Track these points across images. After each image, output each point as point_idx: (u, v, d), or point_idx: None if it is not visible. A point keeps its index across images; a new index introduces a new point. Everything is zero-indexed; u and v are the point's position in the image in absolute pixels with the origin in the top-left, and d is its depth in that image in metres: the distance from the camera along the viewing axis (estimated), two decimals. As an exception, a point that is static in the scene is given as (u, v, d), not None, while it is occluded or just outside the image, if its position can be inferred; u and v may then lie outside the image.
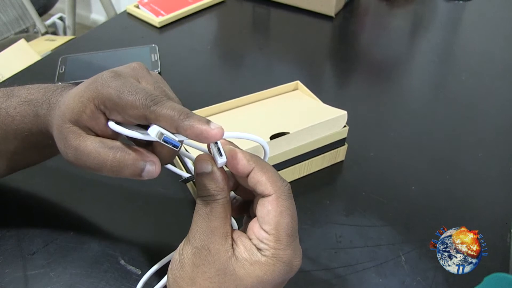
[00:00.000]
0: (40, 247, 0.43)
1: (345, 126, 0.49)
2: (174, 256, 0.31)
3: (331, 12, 0.83)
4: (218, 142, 0.29)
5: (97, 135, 0.31)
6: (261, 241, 0.29)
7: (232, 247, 0.29)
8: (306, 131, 0.46)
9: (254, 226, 0.30)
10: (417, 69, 0.73)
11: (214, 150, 0.29)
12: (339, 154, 0.52)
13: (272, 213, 0.28)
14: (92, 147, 0.30)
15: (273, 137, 0.45)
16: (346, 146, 0.51)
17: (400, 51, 0.78)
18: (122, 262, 0.41)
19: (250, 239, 0.29)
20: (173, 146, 0.28)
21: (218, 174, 0.29)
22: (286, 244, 0.28)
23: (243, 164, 0.29)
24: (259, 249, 0.29)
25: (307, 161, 0.49)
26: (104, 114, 0.30)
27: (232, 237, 0.29)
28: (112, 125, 0.30)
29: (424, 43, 0.80)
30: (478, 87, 0.67)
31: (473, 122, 0.60)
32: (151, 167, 0.30)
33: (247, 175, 0.30)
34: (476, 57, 0.74)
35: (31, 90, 0.37)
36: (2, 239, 0.43)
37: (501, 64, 0.72)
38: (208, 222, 0.29)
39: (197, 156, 0.30)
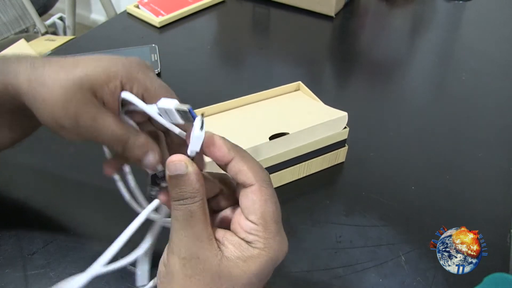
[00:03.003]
0: (40, 247, 0.42)
1: (345, 128, 0.49)
2: (159, 268, 0.29)
3: (331, 12, 0.83)
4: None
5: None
6: (250, 233, 0.28)
7: (220, 249, 0.28)
8: (306, 131, 0.46)
9: (239, 219, 0.29)
10: (417, 69, 0.73)
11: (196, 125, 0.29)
12: (339, 156, 0.52)
13: (258, 202, 0.28)
14: (110, 123, 0.30)
15: (272, 137, 0.45)
16: (346, 147, 0.51)
17: (400, 51, 0.78)
18: (122, 262, 0.41)
19: (236, 234, 0.29)
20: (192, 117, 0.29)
21: (194, 174, 0.27)
22: (275, 232, 0.28)
23: (223, 151, 0.29)
24: (248, 242, 0.28)
25: (306, 162, 0.49)
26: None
27: (215, 238, 0.28)
28: (130, 96, 0.30)
29: (424, 43, 0.80)
30: (478, 87, 0.67)
31: (473, 122, 0.60)
32: (152, 156, 0.31)
33: (227, 164, 0.29)
34: (476, 57, 0.74)
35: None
36: (2, 239, 0.43)
37: (501, 64, 0.72)
38: (190, 229, 0.27)
39: (168, 159, 0.28)
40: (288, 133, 0.45)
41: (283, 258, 0.29)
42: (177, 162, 0.27)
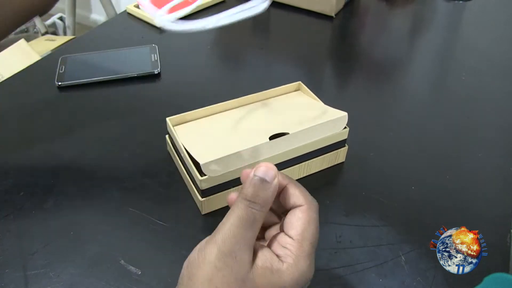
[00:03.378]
0: (40, 247, 0.43)
1: (345, 128, 0.49)
2: (192, 254, 0.30)
3: (331, 12, 0.83)
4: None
5: None
6: (284, 246, 0.29)
7: (253, 257, 0.29)
8: (306, 132, 0.46)
9: (277, 235, 0.31)
10: (417, 69, 0.73)
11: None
12: (339, 156, 0.52)
13: (301, 219, 0.30)
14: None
15: (272, 137, 0.45)
16: (346, 147, 0.51)
17: (400, 51, 0.78)
18: (122, 262, 0.41)
19: (270, 248, 0.30)
20: None
21: (275, 188, 0.30)
22: (307, 252, 0.29)
23: (280, 179, 0.31)
24: (279, 256, 0.29)
25: (306, 162, 0.49)
26: None
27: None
28: None
29: (424, 43, 0.80)
30: (478, 87, 0.67)
31: (473, 122, 0.60)
32: None
33: (281, 190, 0.31)
34: (476, 57, 0.74)
35: None
36: (2, 239, 0.43)
37: (501, 64, 0.72)
38: (245, 230, 0.28)
39: (266, 162, 0.30)
40: (288, 133, 0.45)
41: (305, 285, 0.29)
42: (270, 169, 0.29)
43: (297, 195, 0.31)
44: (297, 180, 0.50)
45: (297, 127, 0.46)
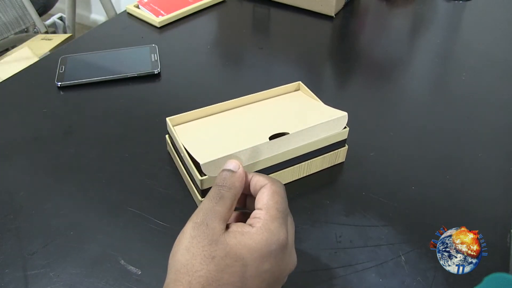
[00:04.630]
0: (40, 247, 0.43)
1: (345, 128, 0.49)
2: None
3: (331, 12, 0.83)
4: None
5: None
6: (253, 217, 0.33)
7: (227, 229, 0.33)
8: (306, 132, 0.46)
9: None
10: (417, 69, 0.73)
11: None
12: (339, 156, 0.52)
13: (265, 193, 0.34)
14: None
15: (272, 137, 0.45)
16: (346, 147, 0.51)
17: (400, 51, 0.78)
18: (122, 262, 0.41)
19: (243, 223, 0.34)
20: None
21: (240, 175, 0.35)
22: (275, 217, 0.33)
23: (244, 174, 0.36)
24: (250, 225, 0.33)
25: (306, 162, 0.49)
26: None
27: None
28: None
29: (424, 43, 0.80)
30: (478, 87, 0.67)
31: (473, 122, 0.60)
32: None
33: (249, 182, 0.36)
34: (476, 57, 0.74)
35: None
36: (2, 239, 0.43)
37: (501, 64, 0.72)
38: (214, 205, 0.33)
39: (231, 158, 0.37)
40: (288, 133, 0.45)
41: (281, 246, 0.32)
42: (234, 162, 0.36)
43: (260, 180, 0.35)
44: (297, 180, 0.50)
45: (297, 127, 0.46)
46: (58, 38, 1.27)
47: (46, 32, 1.37)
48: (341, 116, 0.48)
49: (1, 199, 0.47)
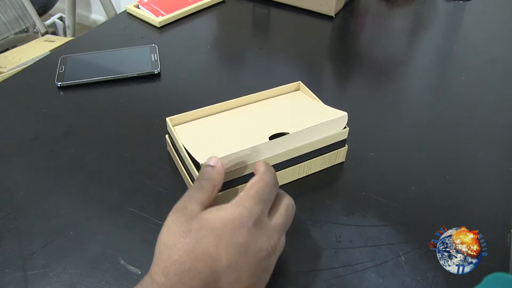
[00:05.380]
0: (40, 247, 0.43)
1: (345, 128, 0.49)
2: None
3: (331, 12, 0.83)
4: None
5: None
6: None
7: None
8: (305, 132, 0.46)
9: None
10: (417, 69, 0.73)
11: None
12: (339, 156, 0.52)
13: (254, 179, 0.37)
14: None
15: (272, 137, 0.45)
16: (346, 147, 0.51)
17: (400, 51, 0.78)
18: (122, 262, 0.41)
19: None
20: None
21: (219, 169, 0.38)
22: (251, 196, 0.35)
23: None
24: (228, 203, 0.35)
25: (306, 162, 0.49)
26: None
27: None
28: None
29: (424, 43, 0.80)
30: (478, 87, 0.67)
31: (473, 122, 0.60)
32: None
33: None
34: (476, 57, 0.74)
35: None
36: (2, 239, 0.43)
37: (501, 64, 0.72)
38: (194, 192, 0.36)
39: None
40: (288, 133, 0.45)
41: (250, 221, 0.34)
42: (213, 157, 0.39)
43: (258, 167, 0.39)
44: (297, 180, 0.50)
45: (297, 127, 0.46)
46: (61, 40, 1.27)
47: (46, 32, 1.37)
48: (341, 116, 0.48)
49: (1, 199, 0.47)
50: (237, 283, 0.33)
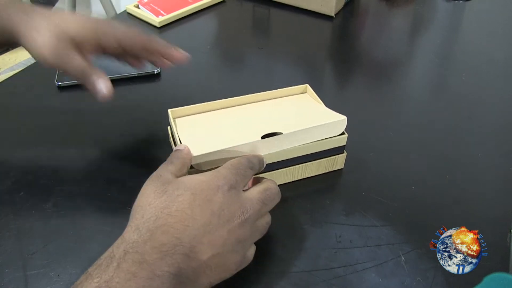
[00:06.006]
0: (40, 247, 0.43)
1: (343, 133, 0.48)
2: None
3: (331, 12, 0.83)
4: None
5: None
6: None
7: None
8: (300, 133, 0.46)
9: None
10: (417, 69, 0.73)
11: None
12: (337, 162, 0.51)
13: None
14: (77, 60, 0.42)
15: (265, 136, 0.45)
16: (345, 154, 0.50)
17: (400, 51, 0.78)
18: (122, 262, 0.41)
19: None
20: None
21: (187, 150, 0.41)
22: (227, 166, 0.37)
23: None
24: None
25: (300, 165, 0.48)
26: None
27: None
28: None
29: (424, 43, 0.80)
30: (478, 87, 0.67)
31: (473, 122, 0.60)
32: (102, 82, 0.44)
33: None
34: (476, 57, 0.74)
35: None
36: (2, 239, 0.43)
37: (501, 63, 0.72)
38: (167, 165, 0.38)
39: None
40: (281, 133, 0.45)
41: (225, 185, 0.35)
42: (182, 145, 0.41)
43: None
44: (294, 181, 0.50)
45: (293, 128, 0.46)
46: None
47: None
48: (340, 119, 0.47)
49: (1, 199, 0.47)
50: (210, 247, 0.33)
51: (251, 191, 0.38)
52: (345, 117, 0.47)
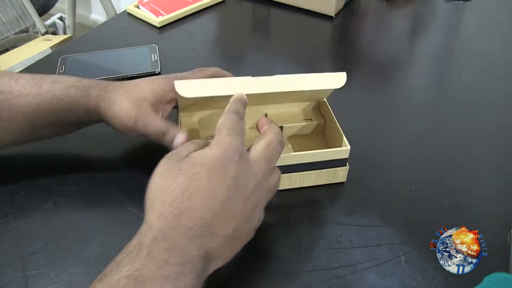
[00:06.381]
0: (40, 247, 0.43)
1: (346, 146, 0.47)
2: None
3: (331, 12, 0.83)
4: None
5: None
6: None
7: None
8: (295, 77, 0.44)
9: None
10: (417, 69, 0.73)
11: None
12: (338, 175, 0.49)
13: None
14: (157, 122, 0.45)
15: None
16: (347, 167, 0.49)
17: (400, 51, 0.78)
18: (122, 262, 0.41)
19: None
20: None
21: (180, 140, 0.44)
22: (225, 134, 0.36)
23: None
24: None
25: (299, 173, 0.47)
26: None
27: None
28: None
29: (424, 43, 0.80)
30: (478, 87, 0.67)
31: (473, 122, 0.60)
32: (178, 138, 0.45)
33: None
34: (476, 57, 0.74)
35: (73, 79, 0.47)
36: (2, 239, 0.43)
37: (501, 64, 0.72)
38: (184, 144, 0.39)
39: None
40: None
41: (236, 154, 0.35)
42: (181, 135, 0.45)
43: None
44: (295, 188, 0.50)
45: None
46: (58, 39, 1.27)
47: (46, 32, 1.37)
48: (340, 74, 0.45)
49: (1, 199, 0.47)
50: (231, 220, 0.34)
51: (255, 150, 0.37)
52: (344, 73, 0.46)
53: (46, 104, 0.44)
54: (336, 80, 0.46)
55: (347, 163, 0.49)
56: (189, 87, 0.43)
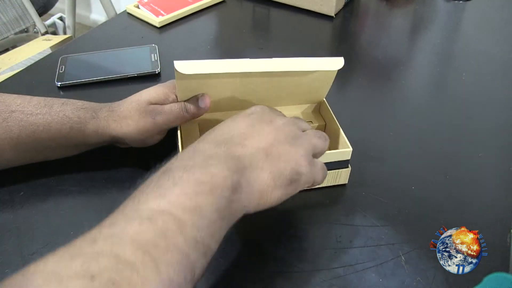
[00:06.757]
0: (40, 247, 0.43)
1: (348, 148, 0.46)
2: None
3: (331, 12, 0.83)
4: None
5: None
6: None
7: None
8: (292, 60, 0.45)
9: None
10: (417, 69, 0.73)
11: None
12: (340, 176, 0.49)
13: None
14: (171, 106, 0.47)
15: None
16: (349, 169, 0.49)
17: (400, 51, 0.78)
18: (122, 262, 0.41)
19: None
20: None
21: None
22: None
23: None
24: None
25: None
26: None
27: None
28: None
29: (424, 43, 0.80)
30: (478, 87, 0.67)
31: (473, 122, 0.60)
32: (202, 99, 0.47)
33: None
34: (476, 57, 0.74)
35: (81, 102, 0.49)
36: (2, 239, 0.43)
37: (501, 64, 0.72)
38: None
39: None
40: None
41: (259, 110, 0.40)
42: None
43: None
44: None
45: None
46: (58, 39, 1.27)
47: (46, 32, 1.37)
48: (337, 58, 0.47)
49: (1, 199, 0.47)
50: (261, 136, 0.37)
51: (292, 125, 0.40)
52: (342, 57, 0.47)
53: (56, 123, 0.46)
54: (334, 63, 0.47)
55: (349, 164, 0.49)
56: (188, 66, 0.43)
